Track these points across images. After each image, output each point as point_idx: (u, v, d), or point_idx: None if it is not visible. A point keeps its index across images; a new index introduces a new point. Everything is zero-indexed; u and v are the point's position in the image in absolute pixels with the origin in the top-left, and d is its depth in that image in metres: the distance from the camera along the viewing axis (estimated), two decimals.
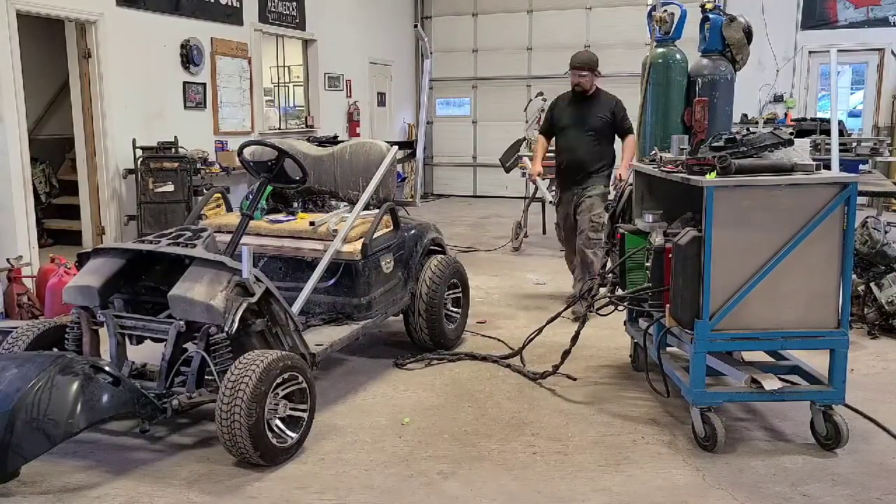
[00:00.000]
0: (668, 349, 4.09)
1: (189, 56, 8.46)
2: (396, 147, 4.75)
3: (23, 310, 5.71)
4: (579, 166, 5.84)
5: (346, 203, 4.90)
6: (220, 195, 5.31)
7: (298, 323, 3.86)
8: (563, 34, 13.03)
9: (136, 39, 7.78)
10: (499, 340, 5.21)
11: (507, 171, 8.89)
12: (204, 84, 8.76)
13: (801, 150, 3.64)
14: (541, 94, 9.07)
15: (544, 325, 4.64)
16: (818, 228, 3.41)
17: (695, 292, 3.48)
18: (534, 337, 4.67)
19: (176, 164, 7.43)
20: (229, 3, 9.15)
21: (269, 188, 4.49)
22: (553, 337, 4.68)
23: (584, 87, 5.75)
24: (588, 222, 5.75)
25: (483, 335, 5.34)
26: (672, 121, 4.36)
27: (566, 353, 4.38)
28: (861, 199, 8.51)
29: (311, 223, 4.51)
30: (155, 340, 3.69)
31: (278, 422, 3.43)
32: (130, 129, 7.66)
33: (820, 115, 11.73)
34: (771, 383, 3.53)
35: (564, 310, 4.61)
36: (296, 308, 3.92)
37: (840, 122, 9.62)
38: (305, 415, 3.54)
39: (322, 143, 8.37)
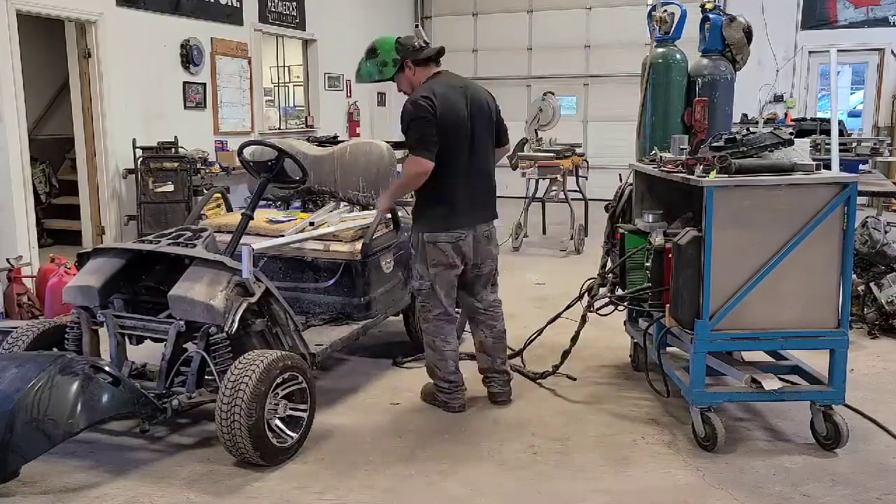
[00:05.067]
0: (668, 349, 4.08)
1: (189, 56, 8.45)
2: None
3: (23, 310, 5.71)
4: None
5: (346, 203, 4.90)
6: (220, 195, 5.31)
7: (298, 323, 3.87)
8: (563, 34, 13.04)
9: (136, 39, 7.78)
10: None
11: (514, 168, 8.89)
12: (204, 84, 8.75)
13: (801, 150, 3.64)
14: (551, 93, 9.08)
15: (545, 326, 4.64)
16: (818, 228, 3.41)
17: (695, 292, 3.48)
18: (534, 338, 4.67)
19: (176, 164, 7.43)
20: (229, 3, 9.14)
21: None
22: (553, 337, 4.68)
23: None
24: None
25: None
26: (672, 121, 4.35)
27: (566, 353, 4.38)
28: (861, 199, 8.51)
29: (311, 223, 4.51)
30: (155, 340, 3.70)
31: (278, 422, 3.43)
32: (130, 129, 7.66)
33: (820, 115, 11.72)
34: (771, 383, 3.53)
35: (565, 310, 4.60)
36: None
37: (840, 122, 9.61)
38: (305, 415, 3.54)
39: (322, 143, 8.35)
